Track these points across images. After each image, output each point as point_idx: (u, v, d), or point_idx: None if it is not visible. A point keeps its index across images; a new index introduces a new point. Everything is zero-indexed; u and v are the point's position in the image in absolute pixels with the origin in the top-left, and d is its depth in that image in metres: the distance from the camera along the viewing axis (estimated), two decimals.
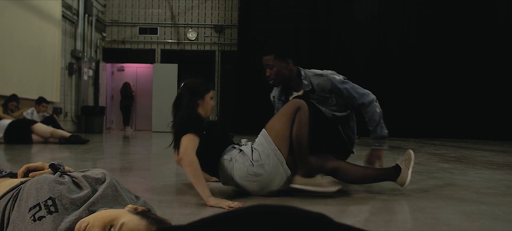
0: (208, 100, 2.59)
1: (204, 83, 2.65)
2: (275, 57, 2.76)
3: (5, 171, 1.63)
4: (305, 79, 2.77)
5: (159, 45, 12.60)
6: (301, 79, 2.79)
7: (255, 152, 2.38)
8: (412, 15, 11.35)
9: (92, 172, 1.46)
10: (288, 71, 2.78)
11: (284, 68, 2.76)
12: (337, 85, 2.72)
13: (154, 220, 1.25)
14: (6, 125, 6.43)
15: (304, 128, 2.38)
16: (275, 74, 2.77)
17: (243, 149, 2.42)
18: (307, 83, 2.76)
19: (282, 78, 2.80)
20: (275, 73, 2.77)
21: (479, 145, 8.10)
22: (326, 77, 2.74)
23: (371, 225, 1.85)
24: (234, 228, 0.74)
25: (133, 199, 1.48)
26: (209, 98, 2.61)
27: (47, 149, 5.61)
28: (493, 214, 2.10)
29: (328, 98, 2.75)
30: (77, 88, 10.77)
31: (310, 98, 2.71)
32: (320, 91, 2.75)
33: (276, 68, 2.76)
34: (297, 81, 2.82)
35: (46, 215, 1.23)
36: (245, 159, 2.37)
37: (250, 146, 2.44)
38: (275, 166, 2.36)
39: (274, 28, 11.31)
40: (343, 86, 2.73)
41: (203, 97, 2.57)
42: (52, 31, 9.23)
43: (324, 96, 2.75)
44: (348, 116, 2.84)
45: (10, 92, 7.15)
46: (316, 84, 2.75)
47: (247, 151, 2.39)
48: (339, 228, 0.76)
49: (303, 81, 2.78)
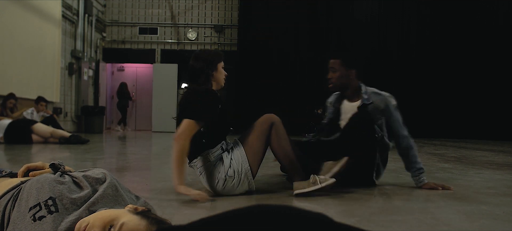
0: (220, 70, 2.53)
1: (216, 52, 2.60)
2: (341, 63, 2.86)
3: (5, 171, 1.63)
4: (365, 94, 2.85)
5: (159, 45, 12.60)
6: (361, 93, 2.87)
7: (231, 169, 2.40)
8: (412, 15, 11.35)
9: (93, 171, 1.46)
10: (349, 80, 2.87)
11: (346, 76, 2.86)
12: (390, 109, 2.81)
13: (154, 220, 1.25)
14: (6, 125, 6.43)
15: (284, 141, 2.45)
16: (337, 78, 2.87)
17: (224, 158, 2.42)
18: (367, 97, 2.84)
19: (342, 85, 2.89)
20: (336, 78, 2.87)
21: (479, 145, 8.10)
22: (383, 97, 2.84)
23: (371, 225, 1.85)
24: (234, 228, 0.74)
25: (133, 199, 1.48)
26: (221, 67, 2.54)
27: (47, 149, 5.61)
28: (493, 214, 2.10)
29: (378, 119, 2.83)
30: (77, 88, 10.77)
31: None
32: (375, 108, 2.82)
33: (339, 73, 2.86)
34: (354, 93, 2.90)
35: (46, 215, 1.23)
36: (221, 171, 2.40)
37: (230, 155, 2.44)
38: (243, 182, 2.42)
39: (274, 28, 11.32)
40: (394, 111, 2.82)
41: (216, 67, 2.51)
42: (52, 31, 9.23)
43: (376, 116, 2.82)
44: (388, 146, 2.86)
45: (10, 92, 7.14)
46: (374, 100, 2.84)
47: (226, 163, 2.41)
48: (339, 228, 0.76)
49: (363, 95, 2.86)
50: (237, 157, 2.42)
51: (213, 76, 2.49)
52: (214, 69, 2.49)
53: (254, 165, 2.44)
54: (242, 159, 2.42)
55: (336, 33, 11.39)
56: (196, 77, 2.47)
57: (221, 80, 2.54)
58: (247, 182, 2.43)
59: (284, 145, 2.46)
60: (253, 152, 2.43)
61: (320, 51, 11.31)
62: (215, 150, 2.42)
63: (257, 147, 2.44)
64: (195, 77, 2.48)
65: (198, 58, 2.50)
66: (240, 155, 2.42)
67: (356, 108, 2.85)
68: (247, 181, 2.43)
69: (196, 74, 2.47)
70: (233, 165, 2.40)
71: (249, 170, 2.41)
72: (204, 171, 2.43)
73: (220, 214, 0.78)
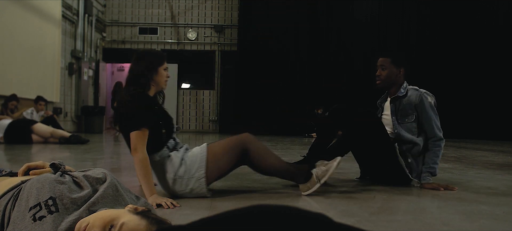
0: (161, 73, 2.44)
1: (157, 55, 2.49)
2: (391, 61, 2.95)
3: (5, 171, 1.63)
4: (404, 89, 2.93)
5: (159, 45, 12.60)
6: (400, 88, 2.94)
7: (182, 167, 2.32)
8: (412, 15, 11.34)
9: (93, 171, 1.46)
10: (397, 78, 2.95)
11: (394, 74, 2.94)
12: (424, 104, 2.85)
13: (154, 220, 1.25)
14: (6, 125, 6.43)
15: (269, 158, 2.39)
16: (385, 76, 2.95)
17: (172, 156, 2.34)
18: (403, 91, 2.92)
19: (389, 82, 2.96)
20: (385, 76, 2.95)
21: (479, 145, 8.10)
22: (420, 93, 2.89)
23: (371, 225, 1.85)
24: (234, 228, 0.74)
25: (133, 199, 1.48)
26: (163, 70, 2.45)
27: (47, 149, 5.61)
28: (493, 214, 2.10)
29: (409, 114, 2.88)
30: (77, 88, 10.77)
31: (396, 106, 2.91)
32: (408, 102, 2.88)
33: (388, 71, 2.94)
34: (397, 90, 2.97)
35: (46, 215, 1.23)
36: (170, 171, 2.31)
37: (181, 155, 2.36)
38: (193, 186, 2.31)
39: (274, 28, 11.32)
40: (428, 108, 2.85)
41: (157, 71, 2.42)
42: (52, 31, 9.23)
43: (407, 111, 2.88)
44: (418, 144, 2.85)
45: (10, 92, 7.15)
46: (409, 95, 2.90)
47: (175, 163, 2.33)
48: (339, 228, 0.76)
49: (400, 89, 2.93)
50: (195, 160, 2.33)
51: (153, 80, 2.41)
52: (155, 73, 2.41)
53: (212, 176, 2.35)
54: (199, 165, 2.32)
55: (336, 33, 11.39)
56: (135, 80, 2.38)
57: (162, 83, 2.46)
58: (199, 188, 2.31)
59: (271, 161, 2.39)
60: (215, 165, 2.34)
61: (320, 51, 11.32)
62: (161, 152, 2.35)
63: (221, 162, 2.35)
64: (134, 80, 2.39)
65: (139, 61, 2.42)
66: (199, 159, 2.33)
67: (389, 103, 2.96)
68: (198, 187, 2.31)
69: (136, 78, 2.39)
70: (185, 166, 2.32)
71: (202, 177, 2.30)
72: (154, 172, 2.38)
73: (220, 214, 0.78)
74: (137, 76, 2.38)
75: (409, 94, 2.90)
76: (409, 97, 2.89)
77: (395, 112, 2.93)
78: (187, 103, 12.44)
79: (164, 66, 2.46)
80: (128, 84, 2.41)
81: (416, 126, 2.87)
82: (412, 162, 2.86)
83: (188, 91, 12.51)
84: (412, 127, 2.87)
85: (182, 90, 12.45)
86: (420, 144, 2.84)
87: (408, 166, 2.85)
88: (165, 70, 2.47)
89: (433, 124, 2.84)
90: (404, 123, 2.89)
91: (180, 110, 12.36)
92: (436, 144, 2.82)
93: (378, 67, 2.97)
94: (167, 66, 2.49)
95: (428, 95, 2.90)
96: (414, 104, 2.86)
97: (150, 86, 2.41)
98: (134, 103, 2.29)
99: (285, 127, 10.68)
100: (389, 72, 2.94)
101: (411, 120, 2.87)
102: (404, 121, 2.89)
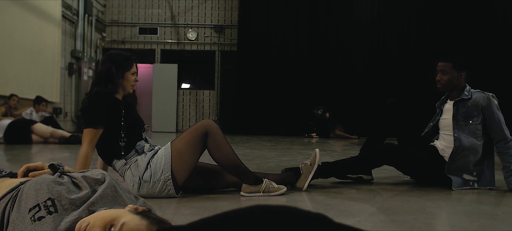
0: (128, 78, 2.44)
1: (126, 59, 2.47)
2: (452, 66, 2.92)
3: (5, 171, 1.63)
4: (468, 92, 2.91)
5: (159, 45, 12.59)
6: (463, 91, 2.92)
7: (148, 170, 2.28)
8: (412, 15, 11.34)
9: (92, 172, 1.45)
10: (458, 82, 2.93)
11: (456, 78, 2.93)
12: (492, 107, 2.85)
13: (154, 220, 1.25)
14: (6, 125, 6.42)
15: (224, 148, 2.33)
16: (446, 81, 2.94)
17: (138, 160, 2.32)
18: (467, 94, 2.90)
19: (450, 86, 2.95)
20: (446, 80, 2.94)
21: None
22: (487, 95, 2.88)
23: (371, 225, 1.85)
24: (234, 228, 0.74)
25: (132, 199, 1.48)
26: (130, 74, 2.45)
27: (47, 149, 5.61)
28: (493, 214, 2.10)
29: (474, 116, 2.86)
30: (77, 88, 10.77)
31: (458, 108, 2.89)
32: (473, 105, 2.87)
33: (449, 76, 2.93)
34: (458, 93, 2.95)
35: (45, 216, 1.23)
36: (136, 174, 2.29)
37: (148, 159, 2.32)
38: (161, 189, 2.28)
39: (274, 28, 11.33)
40: (496, 111, 2.86)
41: (123, 75, 2.42)
42: (52, 31, 9.23)
43: (472, 113, 2.86)
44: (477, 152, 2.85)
45: (10, 93, 7.15)
46: (474, 97, 2.88)
47: (141, 166, 2.29)
48: (339, 228, 0.76)
49: (464, 92, 2.91)
50: (160, 162, 2.28)
51: (119, 84, 2.42)
52: (121, 77, 2.41)
53: (180, 174, 2.28)
54: (165, 166, 2.27)
55: (335, 32, 11.39)
56: (102, 81, 2.39)
57: (128, 88, 2.46)
58: (167, 190, 2.27)
59: (226, 152, 2.34)
60: (181, 161, 2.28)
61: (320, 51, 11.31)
62: (128, 154, 2.34)
63: (186, 155, 2.29)
64: (102, 81, 2.39)
65: (106, 63, 2.41)
66: (164, 161, 2.28)
67: (452, 105, 2.94)
68: (166, 189, 2.27)
69: (102, 79, 2.39)
70: (151, 169, 2.28)
71: (169, 178, 2.25)
72: (121, 174, 2.38)
73: (220, 214, 0.78)
74: (103, 79, 2.39)
75: (475, 97, 2.88)
76: (474, 99, 2.87)
77: (456, 115, 2.90)
78: (187, 103, 12.44)
79: (132, 70, 2.46)
80: (93, 84, 2.45)
81: (481, 128, 2.85)
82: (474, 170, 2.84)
83: (188, 91, 12.51)
84: (476, 129, 2.85)
85: (182, 90, 12.44)
86: (479, 151, 2.83)
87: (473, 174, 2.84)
88: (133, 74, 2.47)
89: (503, 125, 2.84)
90: (468, 125, 2.86)
91: (180, 110, 12.36)
92: (508, 146, 2.81)
93: (439, 72, 2.96)
94: (136, 70, 2.48)
95: (494, 97, 2.90)
96: (481, 106, 2.84)
97: (118, 90, 2.43)
98: (93, 102, 2.33)
99: (285, 127, 10.68)
100: (450, 77, 2.92)
101: (476, 122, 2.84)
102: (468, 123, 2.86)
